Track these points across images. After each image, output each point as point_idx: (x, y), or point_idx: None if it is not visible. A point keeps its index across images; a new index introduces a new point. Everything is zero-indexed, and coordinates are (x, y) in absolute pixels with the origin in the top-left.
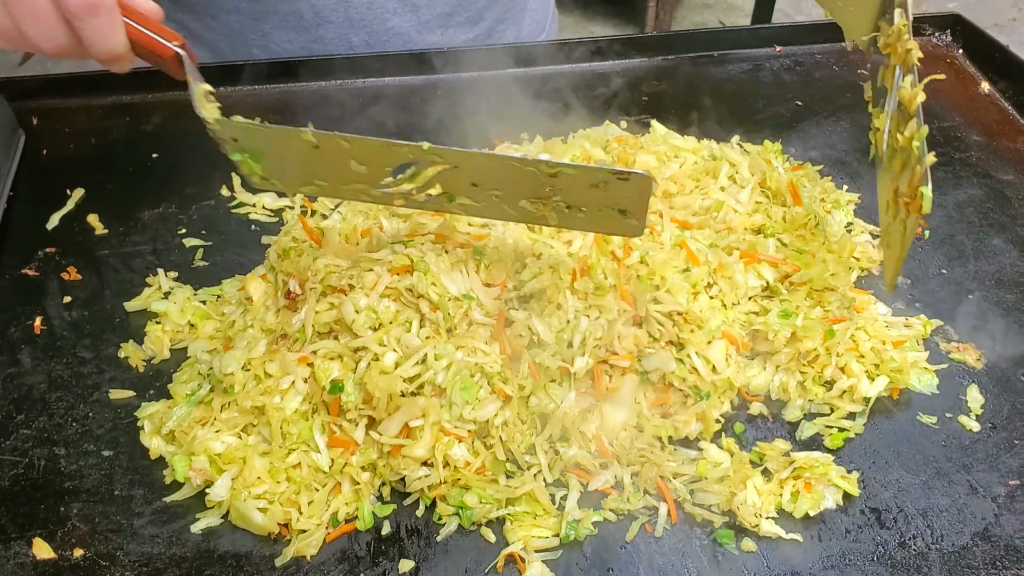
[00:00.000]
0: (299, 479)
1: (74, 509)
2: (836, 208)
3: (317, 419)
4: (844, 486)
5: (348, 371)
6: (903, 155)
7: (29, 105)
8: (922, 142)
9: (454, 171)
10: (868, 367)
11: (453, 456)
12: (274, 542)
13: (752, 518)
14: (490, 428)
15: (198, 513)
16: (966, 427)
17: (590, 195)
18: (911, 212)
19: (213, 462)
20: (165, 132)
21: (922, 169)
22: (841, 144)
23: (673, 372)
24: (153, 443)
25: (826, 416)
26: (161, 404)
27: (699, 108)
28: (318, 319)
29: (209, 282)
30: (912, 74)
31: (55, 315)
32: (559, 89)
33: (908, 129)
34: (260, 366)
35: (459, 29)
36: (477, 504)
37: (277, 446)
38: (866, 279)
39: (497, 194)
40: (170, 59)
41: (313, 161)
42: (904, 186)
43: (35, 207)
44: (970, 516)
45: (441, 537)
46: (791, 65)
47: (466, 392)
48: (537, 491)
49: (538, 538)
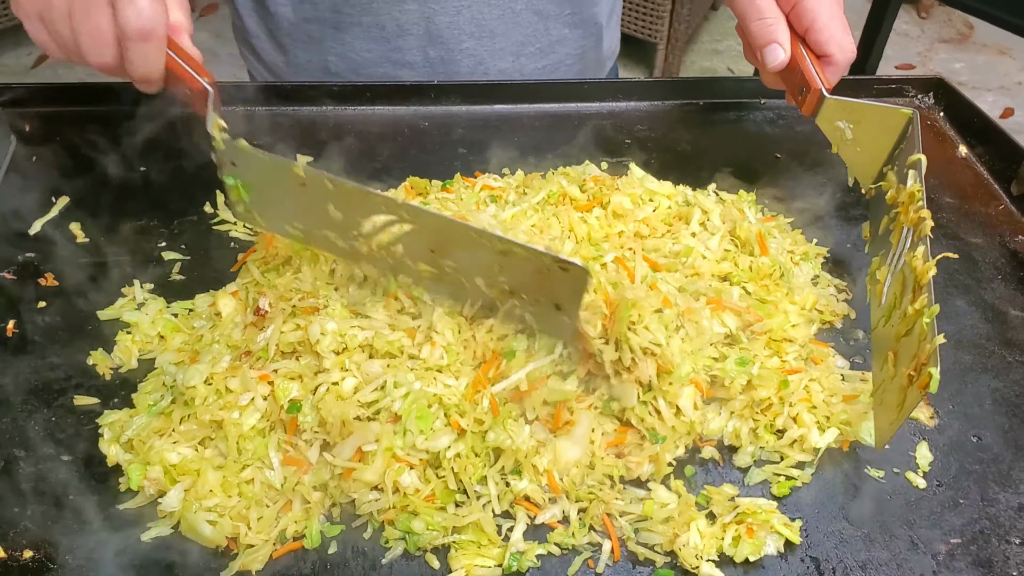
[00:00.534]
0: (250, 494)
1: (28, 511)
2: (805, 260)
3: (273, 436)
4: (786, 533)
5: (307, 392)
6: (908, 322)
7: (23, 112)
8: (932, 320)
9: (417, 233)
10: (819, 418)
11: (403, 483)
12: (222, 555)
13: (693, 559)
14: (442, 459)
15: (150, 522)
16: (913, 483)
17: (531, 280)
18: (913, 384)
19: (168, 473)
20: (154, 147)
21: (931, 348)
22: (816, 198)
23: (633, 409)
24: (111, 450)
25: (775, 464)
26: (123, 413)
27: (680, 154)
28: (283, 339)
29: (184, 296)
30: (924, 244)
31: (28, 319)
32: (547, 126)
33: (919, 302)
34: (222, 381)
35: (529, 59)
36: (424, 531)
37: (232, 460)
38: (828, 332)
39: (451, 265)
40: (198, 92)
41: (296, 199)
42: (906, 354)
43: (19, 212)
44: (908, 572)
45: (386, 560)
46: (774, 118)
47: (421, 422)
48: (484, 521)
49: (481, 567)
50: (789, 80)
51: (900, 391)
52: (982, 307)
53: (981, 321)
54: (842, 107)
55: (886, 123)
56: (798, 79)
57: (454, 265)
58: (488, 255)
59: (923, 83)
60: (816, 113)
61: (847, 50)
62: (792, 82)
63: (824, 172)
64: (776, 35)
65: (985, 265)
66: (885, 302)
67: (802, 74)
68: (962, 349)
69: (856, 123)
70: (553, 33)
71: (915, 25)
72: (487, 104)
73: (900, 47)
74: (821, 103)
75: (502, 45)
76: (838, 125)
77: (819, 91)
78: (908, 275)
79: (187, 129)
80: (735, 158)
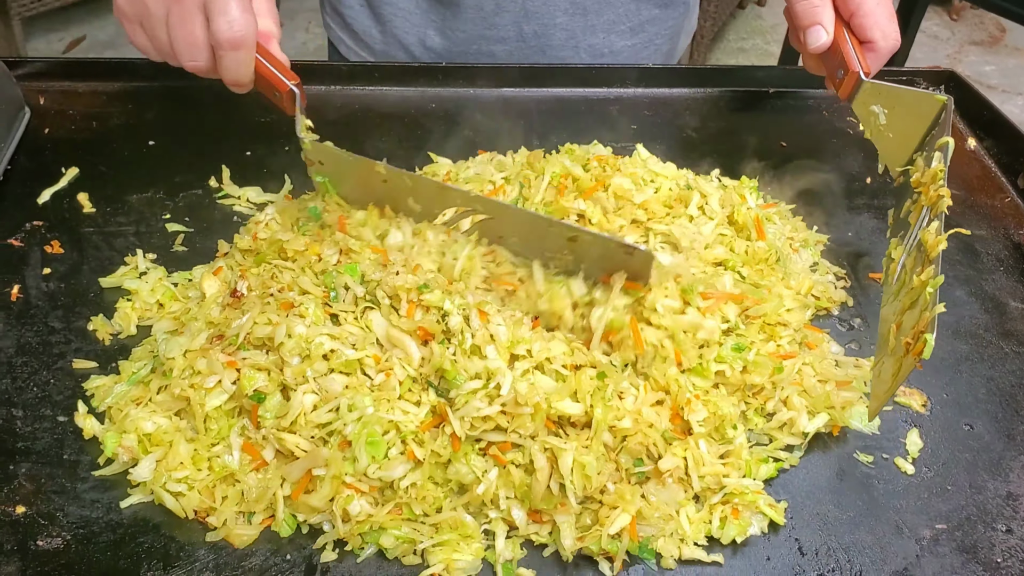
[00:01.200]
0: (218, 469)
1: (23, 468)
2: (804, 247)
3: (239, 420)
4: (770, 514)
5: (274, 385)
6: (913, 295)
7: (38, 85)
8: (936, 290)
9: (490, 221)
10: (810, 402)
11: (351, 511)
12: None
13: (678, 544)
14: (396, 488)
15: (129, 489)
16: (901, 469)
17: (598, 262)
18: (909, 353)
19: (141, 442)
20: (163, 122)
21: (931, 316)
22: (818, 187)
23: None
24: (86, 424)
25: (764, 446)
26: (109, 379)
27: (685, 141)
28: (253, 330)
29: (186, 267)
30: (939, 220)
31: (32, 285)
32: (553, 110)
33: (925, 273)
34: (194, 358)
35: (620, 36)
36: (394, 544)
37: (202, 435)
38: (825, 318)
39: (522, 246)
40: (285, 94)
41: (379, 192)
42: (908, 325)
43: (29, 181)
44: (892, 555)
45: (362, 559)
46: (782, 107)
47: (372, 448)
48: (460, 517)
49: (461, 560)
50: (829, 63)
51: (896, 361)
52: (982, 298)
53: (980, 311)
54: (878, 91)
55: (920, 108)
56: (838, 62)
57: (521, 245)
58: (557, 240)
59: (935, 75)
60: (852, 97)
61: (890, 37)
62: (832, 65)
63: (829, 161)
64: (820, 17)
65: (987, 256)
66: (896, 280)
67: (843, 57)
68: (959, 338)
69: (891, 108)
70: (644, 13)
71: (945, 27)
72: (494, 87)
73: (930, 49)
74: (858, 87)
75: (594, 22)
76: (872, 109)
77: (857, 74)
78: (920, 251)
79: (195, 106)
80: (740, 145)
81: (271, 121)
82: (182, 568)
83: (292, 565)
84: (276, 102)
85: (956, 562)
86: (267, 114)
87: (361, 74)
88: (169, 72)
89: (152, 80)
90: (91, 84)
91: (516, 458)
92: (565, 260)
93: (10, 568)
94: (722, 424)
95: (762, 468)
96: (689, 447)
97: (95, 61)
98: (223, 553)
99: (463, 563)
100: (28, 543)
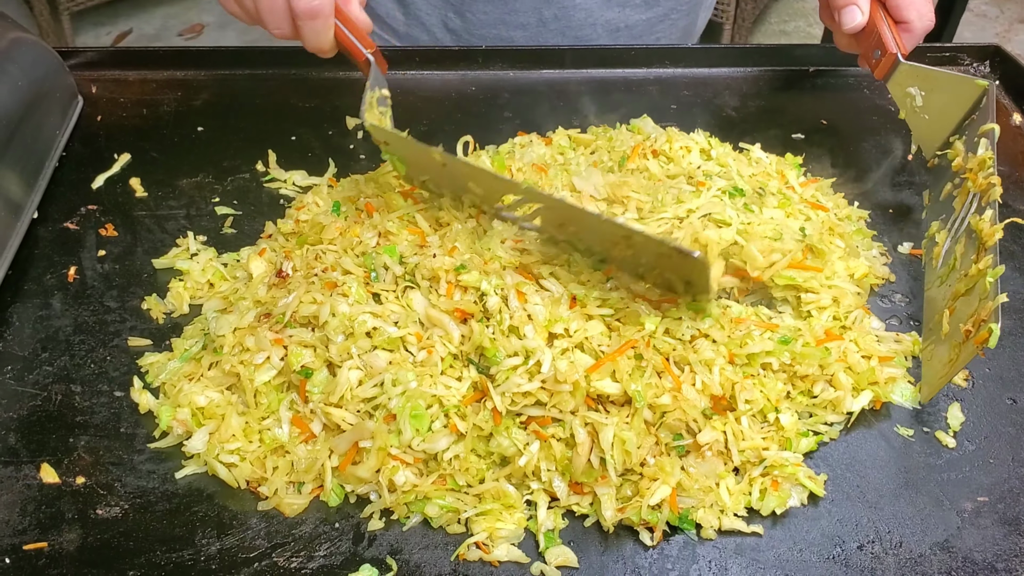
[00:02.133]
0: (269, 441)
1: (82, 441)
2: (847, 221)
3: (287, 395)
4: (810, 486)
5: (320, 361)
6: (968, 282)
7: (90, 75)
8: (996, 280)
9: (548, 213)
10: (854, 379)
11: (397, 481)
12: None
13: (718, 515)
14: (440, 460)
15: (184, 460)
16: (942, 442)
17: (654, 262)
18: (969, 340)
19: (195, 415)
20: (212, 108)
21: (993, 306)
22: (859, 163)
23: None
24: (142, 398)
25: (806, 419)
26: (162, 356)
27: (725, 120)
28: (299, 309)
29: (234, 248)
30: (992, 209)
31: (88, 266)
32: (593, 91)
33: (983, 262)
34: (243, 336)
35: (635, 10)
36: (439, 513)
37: (252, 409)
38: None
39: (580, 235)
40: (362, 62)
41: (441, 175)
42: (964, 313)
43: (83, 167)
44: (933, 527)
45: (407, 527)
46: (823, 85)
47: (416, 421)
48: (502, 488)
49: (503, 529)
50: (864, 43)
51: (954, 347)
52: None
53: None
54: (916, 73)
55: (959, 92)
56: (874, 42)
57: (582, 236)
58: (611, 237)
59: (979, 51)
60: (888, 77)
61: (925, 17)
62: (867, 45)
63: (870, 139)
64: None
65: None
66: (942, 264)
67: (879, 37)
68: (1004, 314)
69: (928, 90)
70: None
71: (994, 5)
72: (533, 70)
73: (978, 28)
74: (895, 68)
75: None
76: (909, 91)
77: (895, 56)
78: (971, 238)
79: (242, 93)
80: (780, 124)
81: (315, 106)
82: (235, 535)
83: (340, 533)
84: (358, 67)
85: (998, 534)
86: (311, 99)
87: (402, 59)
88: (216, 60)
89: (200, 68)
90: (141, 72)
91: (557, 432)
92: (622, 257)
93: (72, 535)
94: (767, 406)
95: (803, 441)
96: (729, 422)
97: (145, 50)
98: (274, 521)
99: (506, 532)
100: (88, 512)
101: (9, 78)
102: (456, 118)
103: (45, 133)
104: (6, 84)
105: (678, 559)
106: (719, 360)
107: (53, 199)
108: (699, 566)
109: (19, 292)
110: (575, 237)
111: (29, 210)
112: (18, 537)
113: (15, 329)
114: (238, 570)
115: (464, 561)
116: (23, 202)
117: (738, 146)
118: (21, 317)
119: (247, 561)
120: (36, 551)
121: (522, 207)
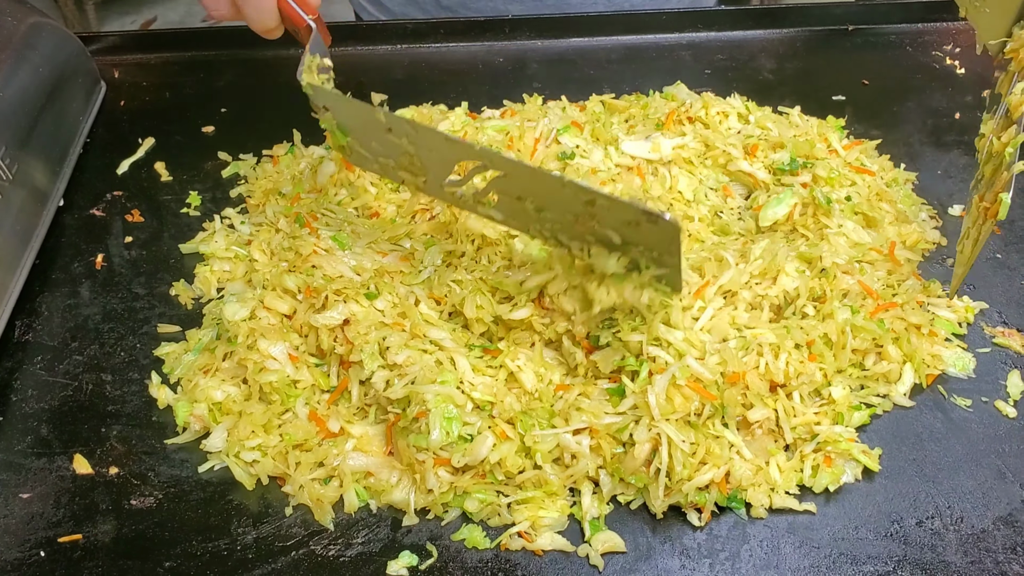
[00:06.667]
0: (290, 436)
1: (114, 431)
2: (894, 185)
3: (302, 392)
4: (865, 461)
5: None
6: (995, 160)
7: (112, 59)
8: (1016, 149)
9: (505, 179)
10: (905, 351)
11: (429, 484)
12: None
13: (768, 493)
14: (485, 464)
15: (208, 454)
16: (1002, 412)
17: (625, 231)
18: (987, 218)
19: (212, 411)
20: (235, 90)
21: (1009, 176)
22: (905, 124)
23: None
24: (160, 394)
25: (858, 392)
26: (179, 346)
27: (762, 83)
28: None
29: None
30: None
31: (116, 253)
32: (622, 59)
33: (1007, 135)
34: (256, 335)
35: None
36: (479, 508)
37: (268, 404)
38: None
39: (539, 210)
40: (302, 29)
41: (386, 143)
42: (986, 189)
43: (108, 153)
44: (995, 500)
45: (446, 522)
46: (863, 44)
47: (448, 423)
48: (544, 475)
49: (547, 517)
50: None
51: (976, 229)
52: None
53: None
54: None
55: None
56: None
57: (542, 210)
58: (576, 204)
59: None
60: None
61: None
62: None
63: (913, 98)
64: None
65: None
66: (984, 154)
67: None
68: None
69: None
70: None
71: None
72: (561, 38)
73: None
74: None
75: None
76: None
77: None
78: (1007, 118)
79: (264, 73)
80: (820, 86)
81: (337, 84)
82: (271, 524)
83: (379, 519)
84: (299, 40)
85: None
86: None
87: (427, 31)
88: (237, 40)
89: (221, 49)
90: (162, 56)
91: (608, 428)
92: (587, 228)
93: (107, 527)
94: (821, 383)
95: (855, 415)
96: (780, 398)
97: (165, 32)
98: (310, 510)
99: (549, 520)
100: (123, 502)
101: (30, 64)
102: (483, 90)
103: (68, 119)
104: (27, 70)
105: (728, 539)
106: (788, 343)
107: (78, 186)
108: (750, 546)
109: (47, 281)
110: (535, 210)
111: (55, 197)
112: (52, 530)
113: (44, 319)
114: (275, 559)
115: (506, 549)
116: (48, 189)
117: (777, 110)
118: (50, 307)
119: (284, 550)
120: (71, 543)
121: (476, 178)
